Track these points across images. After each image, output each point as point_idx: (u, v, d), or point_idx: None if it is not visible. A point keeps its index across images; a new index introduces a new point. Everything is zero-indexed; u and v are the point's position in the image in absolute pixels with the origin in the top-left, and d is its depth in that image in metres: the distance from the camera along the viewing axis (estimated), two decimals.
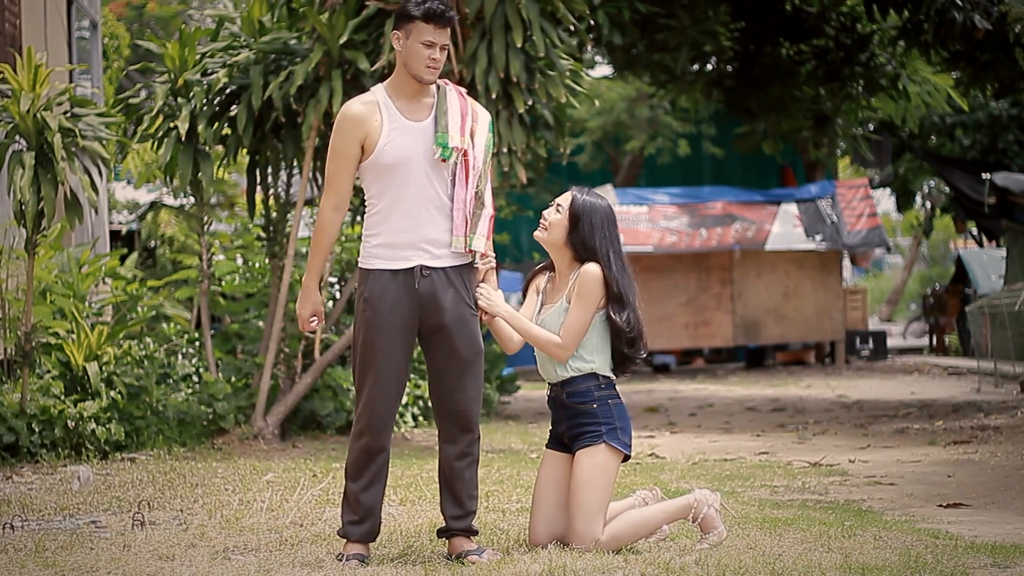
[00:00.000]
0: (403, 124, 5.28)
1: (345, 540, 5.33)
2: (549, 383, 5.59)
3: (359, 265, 5.36)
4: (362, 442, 5.26)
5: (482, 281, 5.45)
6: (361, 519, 5.29)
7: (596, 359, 5.48)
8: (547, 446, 5.63)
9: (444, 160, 5.26)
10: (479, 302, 5.41)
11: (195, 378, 11.02)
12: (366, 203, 5.36)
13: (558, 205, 5.54)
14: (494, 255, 5.49)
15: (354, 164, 5.30)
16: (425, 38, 5.25)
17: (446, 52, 5.33)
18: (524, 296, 5.70)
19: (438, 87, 5.38)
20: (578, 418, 5.48)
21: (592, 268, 5.43)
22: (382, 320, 5.24)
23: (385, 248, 5.27)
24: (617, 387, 5.55)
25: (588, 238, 5.45)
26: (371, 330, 5.25)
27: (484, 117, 5.46)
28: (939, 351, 24.29)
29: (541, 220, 5.56)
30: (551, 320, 5.49)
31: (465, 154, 5.30)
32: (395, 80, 5.36)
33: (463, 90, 5.49)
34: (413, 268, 5.25)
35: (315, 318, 5.36)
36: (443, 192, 5.29)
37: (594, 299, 5.42)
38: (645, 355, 5.56)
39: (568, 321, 5.42)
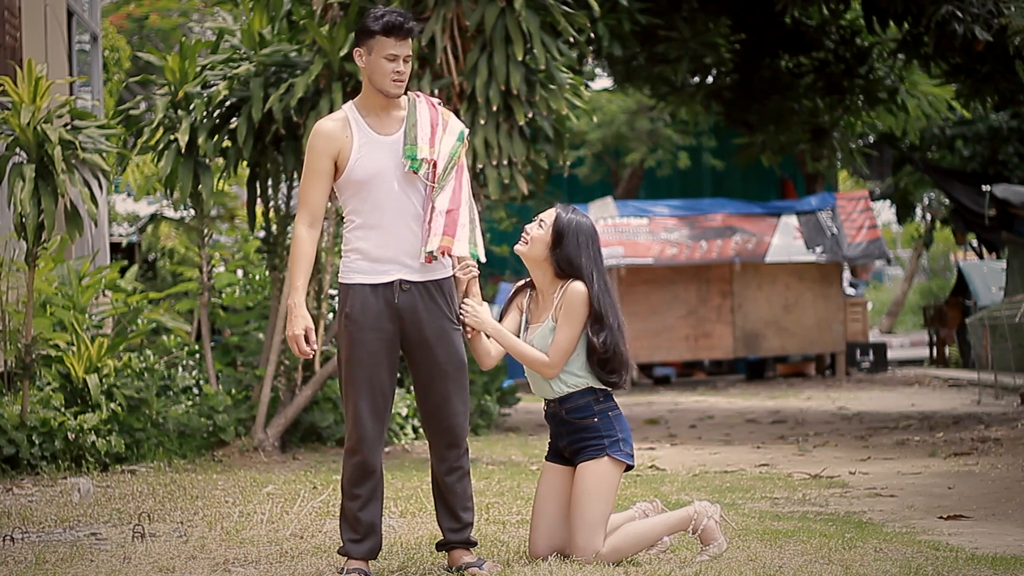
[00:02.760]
0: (373, 139, 5.28)
1: (346, 556, 5.30)
2: (546, 399, 5.58)
3: (340, 281, 5.35)
4: (356, 459, 5.23)
5: (465, 294, 5.42)
6: (362, 537, 5.26)
7: (587, 375, 5.47)
8: (546, 459, 5.62)
9: (415, 172, 5.26)
10: (465, 318, 5.38)
11: (195, 390, 11.02)
12: (344, 219, 5.36)
13: (541, 220, 5.53)
14: (475, 263, 5.45)
15: (327, 181, 5.28)
16: (387, 52, 5.23)
17: (410, 64, 5.32)
18: (503, 313, 5.65)
19: (409, 99, 5.38)
20: (579, 432, 5.46)
21: (578, 287, 5.41)
22: (364, 334, 5.22)
23: (364, 262, 5.26)
24: (616, 398, 5.55)
25: (574, 256, 5.43)
26: (354, 345, 5.24)
27: (455, 127, 5.44)
28: (939, 363, 24.29)
29: (523, 234, 5.55)
30: (539, 339, 5.46)
31: (435, 164, 5.30)
32: (363, 97, 5.35)
33: (436, 100, 5.48)
34: (392, 282, 5.24)
35: (310, 339, 5.22)
36: (419, 205, 5.28)
37: (580, 317, 5.40)
38: (619, 381, 5.46)
39: (556, 339, 5.40)
